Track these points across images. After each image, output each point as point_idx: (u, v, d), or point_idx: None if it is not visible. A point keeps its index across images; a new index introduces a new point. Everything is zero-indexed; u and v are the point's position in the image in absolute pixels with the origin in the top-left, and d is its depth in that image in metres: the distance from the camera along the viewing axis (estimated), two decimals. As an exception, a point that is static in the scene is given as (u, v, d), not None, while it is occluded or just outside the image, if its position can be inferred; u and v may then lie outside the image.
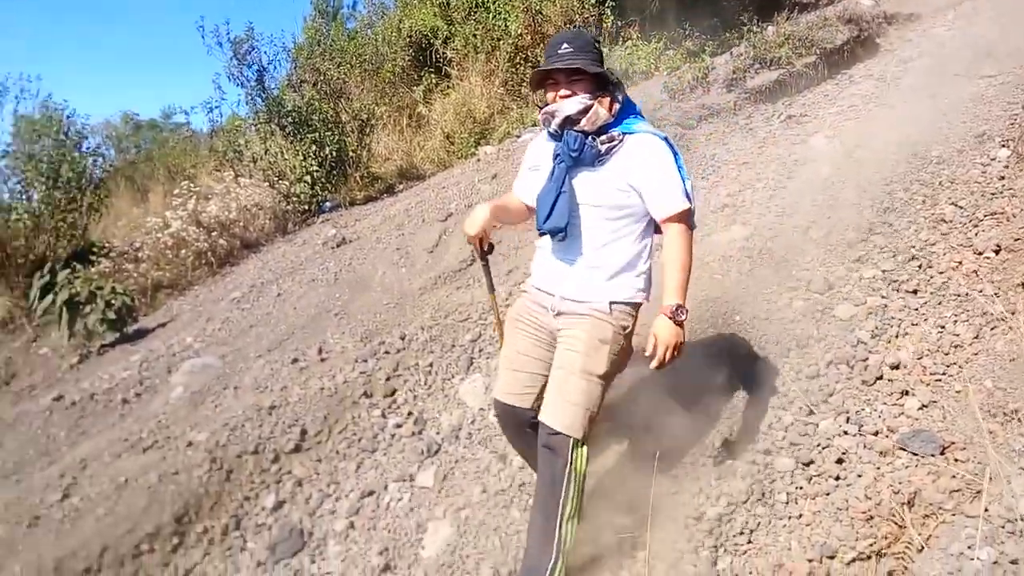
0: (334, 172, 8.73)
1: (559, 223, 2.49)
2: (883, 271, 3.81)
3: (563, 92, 2.47)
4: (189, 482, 3.50)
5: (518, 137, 8.80)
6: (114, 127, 19.17)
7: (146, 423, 4.14)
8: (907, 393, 3.02)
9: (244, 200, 8.12)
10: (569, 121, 2.46)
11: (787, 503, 2.80)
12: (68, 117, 9.32)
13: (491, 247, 2.84)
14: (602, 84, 2.48)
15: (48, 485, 3.72)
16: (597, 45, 2.52)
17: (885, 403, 3.02)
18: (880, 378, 3.15)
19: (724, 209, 5.13)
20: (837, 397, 3.14)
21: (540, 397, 2.64)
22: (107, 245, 7.78)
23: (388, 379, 4.23)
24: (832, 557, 2.47)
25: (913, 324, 3.38)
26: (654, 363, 2.38)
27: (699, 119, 6.83)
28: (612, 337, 2.50)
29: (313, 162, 8.44)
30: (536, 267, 2.75)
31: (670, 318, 2.37)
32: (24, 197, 8.49)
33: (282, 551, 3.22)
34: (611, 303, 2.50)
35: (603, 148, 2.45)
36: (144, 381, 4.90)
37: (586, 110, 2.43)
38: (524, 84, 10.49)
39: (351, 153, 8.99)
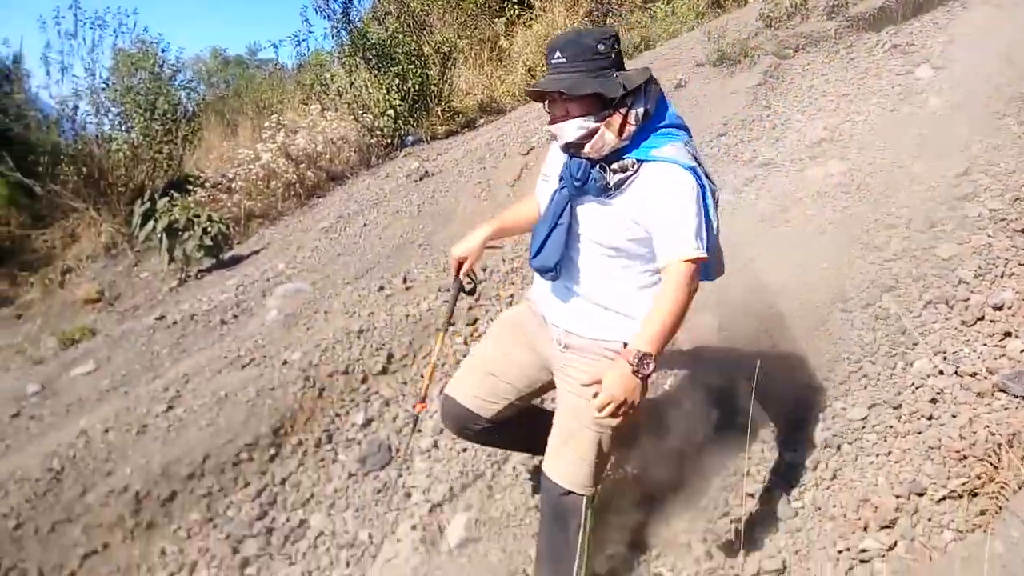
0: (416, 106, 8.76)
1: (547, 262, 2.12)
2: (990, 210, 3.61)
3: (558, 113, 2.02)
4: (285, 397, 3.69)
5: (602, 70, 8.60)
6: (204, 62, 19.64)
7: (243, 342, 4.36)
8: (1010, 335, 2.88)
9: (330, 133, 8.25)
10: (572, 146, 2.03)
11: (876, 441, 2.75)
12: (162, 51, 9.62)
13: (473, 282, 2.54)
14: (611, 100, 1.96)
15: (154, 397, 3.99)
16: (602, 49, 1.96)
17: (985, 344, 2.89)
18: (981, 319, 3.02)
19: (821, 143, 4.92)
20: (934, 337, 3.03)
21: (505, 412, 2.42)
22: (201, 176, 8.07)
23: (470, 308, 4.31)
24: (921, 494, 2.43)
25: (1020, 264, 3.21)
26: (594, 412, 1.99)
27: (796, 48, 6.51)
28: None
29: (396, 96, 8.48)
30: (536, 285, 2.38)
31: (631, 367, 1.89)
32: (123, 129, 8.85)
33: (372, 464, 3.38)
34: (625, 343, 2.08)
35: (612, 181, 1.99)
36: (240, 304, 5.15)
37: (589, 135, 1.97)
38: (608, 15, 10.20)
39: (433, 87, 8.98)
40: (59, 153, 8.09)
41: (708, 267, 2.16)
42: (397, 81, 8.53)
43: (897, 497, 2.47)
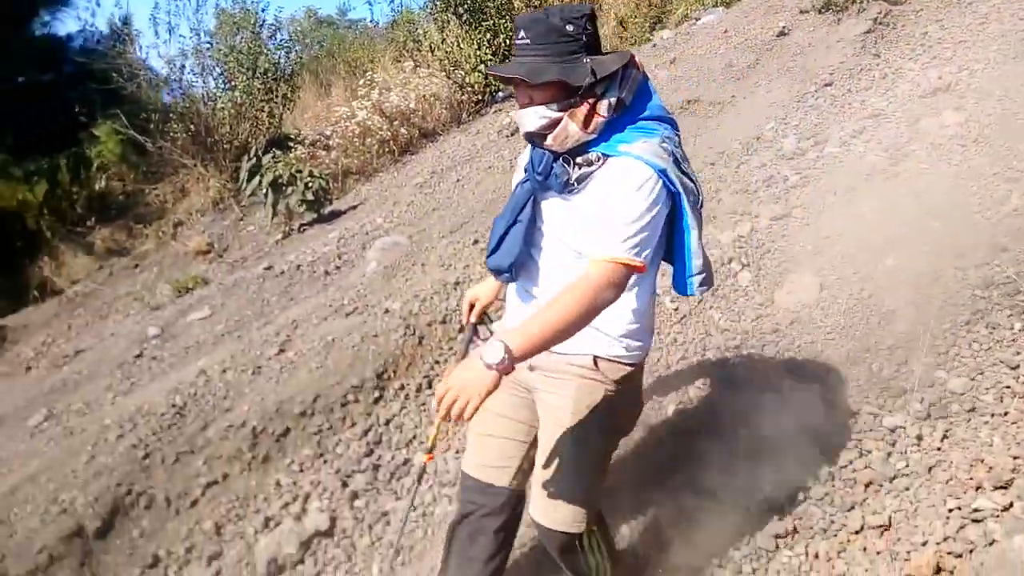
0: (507, 61, 8.74)
1: (502, 262, 1.90)
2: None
3: (522, 100, 1.79)
4: (387, 344, 3.83)
5: (697, 20, 8.35)
6: (299, 22, 20.09)
7: (347, 292, 4.54)
8: None
9: (422, 90, 8.36)
10: (534, 136, 1.81)
11: (991, 402, 2.66)
12: (262, 11, 9.91)
13: (489, 326, 2.30)
14: (578, 88, 1.71)
15: (266, 341, 4.21)
16: (570, 30, 1.70)
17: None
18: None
19: (935, 93, 4.66)
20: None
21: (521, 471, 2.10)
22: (300, 133, 8.34)
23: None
24: (1041, 456, 2.35)
25: None
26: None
27: (911, -7, 6.15)
28: (604, 400, 1.89)
29: (487, 51, 8.48)
30: (508, 301, 2.09)
31: (484, 359, 1.59)
32: (227, 88, 9.21)
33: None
34: (595, 358, 1.88)
35: (575, 176, 1.77)
36: (342, 256, 5.34)
37: (552, 125, 1.75)
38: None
39: (523, 41, 8.93)
40: (168, 111, 8.50)
41: (684, 279, 1.91)
42: (488, 36, 8.52)
43: (1014, 458, 2.38)
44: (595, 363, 1.87)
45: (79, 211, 8.50)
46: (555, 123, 1.74)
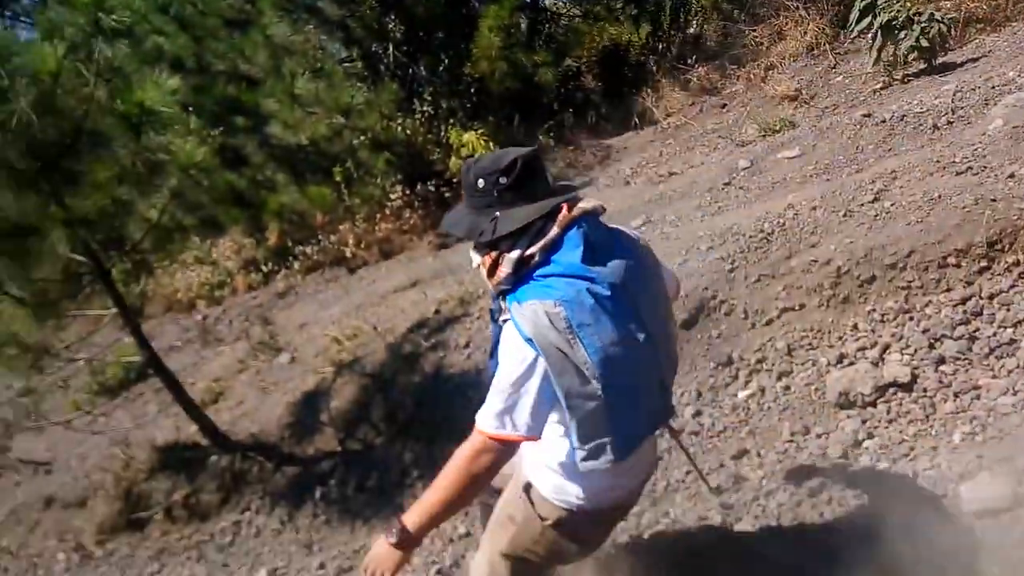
0: None
1: None
2: None
3: None
4: (1008, 211, 3.35)
5: None
6: None
7: (960, 149, 4.06)
8: None
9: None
10: None
11: None
12: None
13: None
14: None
15: (859, 187, 4.08)
16: (481, 185, 1.72)
17: None
18: None
19: None
20: None
21: None
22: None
23: None
24: None
25: None
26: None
27: None
28: (525, 522, 1.93)
29: None
30: None
31: (387, 538, 1.73)
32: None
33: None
34: (528, 484, 1.92)
35: (500, 319, 1.72)
36: (956, 110, 4.74)
37: (478, 267, 1.81)
38: None
39: None
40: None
41: (604, 445, 1.70)
42: None
43: None
44: (528, 486, 1.92)
45: (674, 51, 9.16)
46: (479, 266, 1.80)
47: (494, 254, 1.73)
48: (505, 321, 1.67)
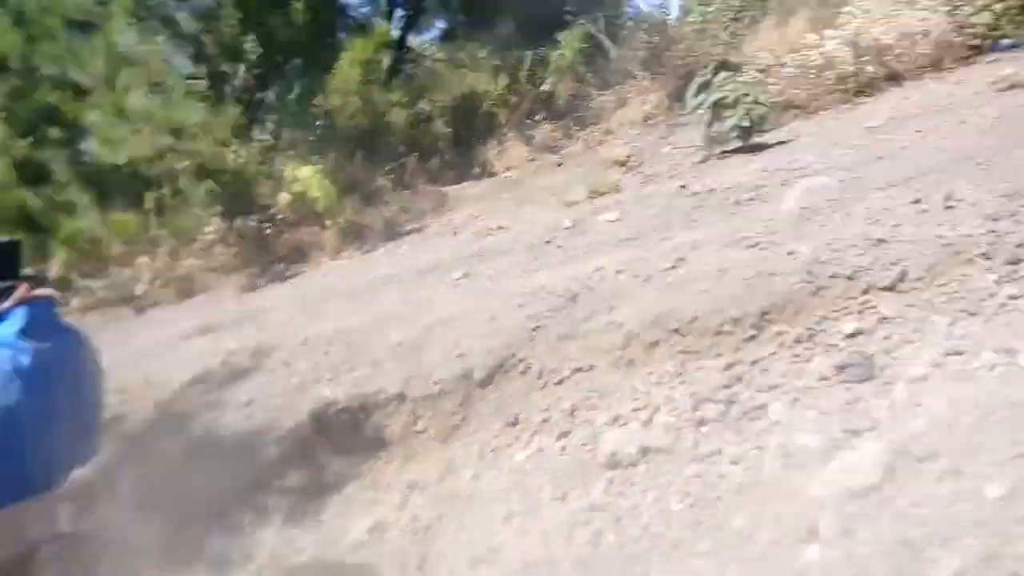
0: (1023, 5, 7.21)
1: None
2: None
3: None
4: (782, 285, 3.58)
5: None
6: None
7: (753, 225, 4.33)
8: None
9: (914, 26, 7.35)
10: None
11: None
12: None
13: None
14: None
15: (662, 254, 4.26)
16: None
17: None
18: None
19: None
20: None
21: None
22: (755, 58, 8.00)
23: (1019, 246, 3.54)
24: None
25: None
26: None
27: None
28: None
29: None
30: None
31: None
32: (702, 3, 9.16)
33: (850, 375, 3.11)
34: None
35: None
36: (759, 188, 5.09)
37: None
38: None
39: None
40: (638, 21, 8.82)
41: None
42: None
43: None
44: None
45: (526, 106, 9.42)
46: None
47: None
48: None
